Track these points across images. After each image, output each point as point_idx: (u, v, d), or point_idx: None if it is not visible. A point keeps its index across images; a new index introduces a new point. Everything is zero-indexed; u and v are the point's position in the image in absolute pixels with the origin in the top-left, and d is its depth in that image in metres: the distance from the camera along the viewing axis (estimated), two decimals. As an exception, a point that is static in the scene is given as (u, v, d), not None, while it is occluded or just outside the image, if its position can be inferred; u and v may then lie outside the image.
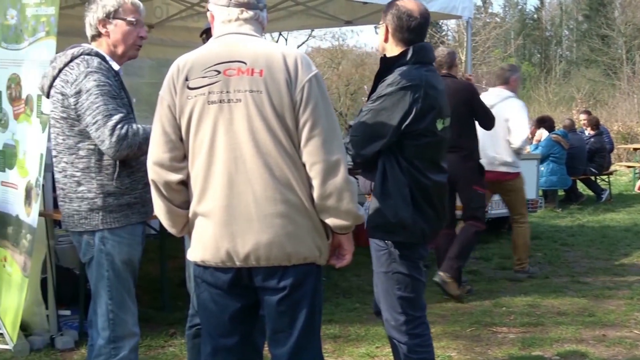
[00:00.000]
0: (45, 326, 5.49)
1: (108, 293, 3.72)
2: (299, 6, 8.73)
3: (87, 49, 3.71)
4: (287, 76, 2.96)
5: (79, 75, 3.60)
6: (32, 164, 5.02)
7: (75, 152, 3.66)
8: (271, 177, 2.96)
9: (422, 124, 3.67)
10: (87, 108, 3.56)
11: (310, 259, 3.06)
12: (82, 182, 3.67)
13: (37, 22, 4.87)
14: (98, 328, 3.77)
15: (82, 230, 3.71)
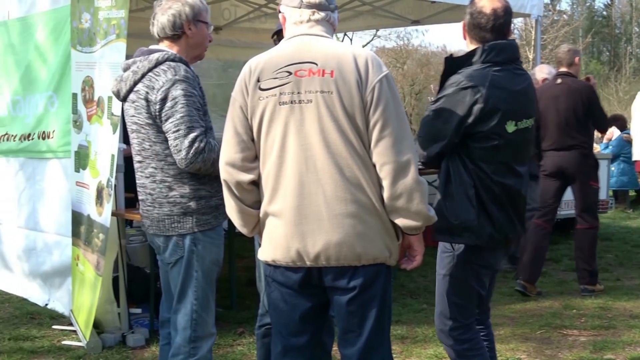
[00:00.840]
0: (117, 324, 5.58)
1: (194, 293, 3.75)
2: (365, 6, 8.72)
3: (170, 55, 3.67)
4: (358, 77, 2.95)
5: (165, 83, 3.56)
6: (103, 165, 5.11)
7: (163, 158, 3.65)
8: (341, 177, 2.97)
9: (486, 126, 3.56)
10: (170, 115, 3.55)
11: (380, 260, 3.06)
12: (174, 187, 3.67)
13: (108, 25, 4.96)
14: (178, 327, 3.79)
15: (175, 234, 3.73)
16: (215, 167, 3.48)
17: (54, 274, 6.29)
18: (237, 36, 9.43)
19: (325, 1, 3.13)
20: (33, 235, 6.49)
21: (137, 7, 7.42)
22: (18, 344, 5.49)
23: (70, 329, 5.74)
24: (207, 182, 3.70)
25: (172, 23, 3.70)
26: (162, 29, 3.73)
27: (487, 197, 3.60)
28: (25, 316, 6.19)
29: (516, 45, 3.73)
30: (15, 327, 5.92)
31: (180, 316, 3.79)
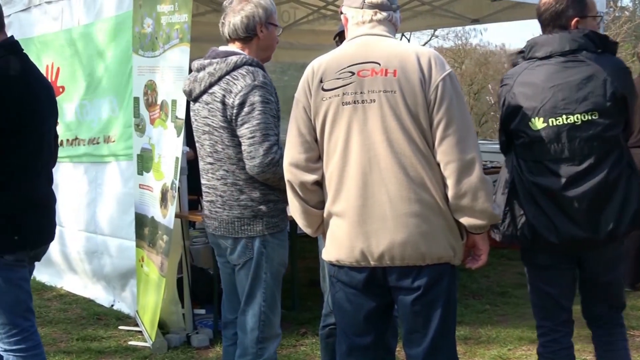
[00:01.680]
0: (182, 324, 5.65)
1: (263, 295, 3.77)
2: (424, 6, 8.68)
3: (248, 59, 3.66)
4: (421, 75, 2.95)
5: (244, 88, 3.54)
6: (167, 167, 5.17)
7: (236, 162, 3.66)
8: (405, 176, 2.96)
9: (513, 123, 3.51)
10: (246, 121, 3.54)
11: (444, 259, 3.04)
12: (245, 191, 3.69)
13: (171, 29, 5.02)
14: (246, 328, 3.81)
15: (244, 236, 3.75)
16: (281, 183, 3.48)
17: (117, 275, 6.39)
18: (296, 38, 9.46)
19: (387, 1, 3.12)
20: (93, 238, 6.61)
21: (197, 12, 7.50)
22: (86, 344, 5.60)
23: (135, 330, 5.83)
24: (277, 187, 3.71)
25: (245, 25, 3.68)
26: (234, 31, 3.70)
27: (524, 197, 3.50)
28: (92, 317, 6.30)
29: (570, 37, 3.46)
30: (82, 327, 6.03)
31: (248, 317, 3.81)
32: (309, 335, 5.63)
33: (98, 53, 6.32)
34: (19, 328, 3.68)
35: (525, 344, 5.38)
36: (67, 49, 6.73)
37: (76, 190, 6.77)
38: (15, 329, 3.67)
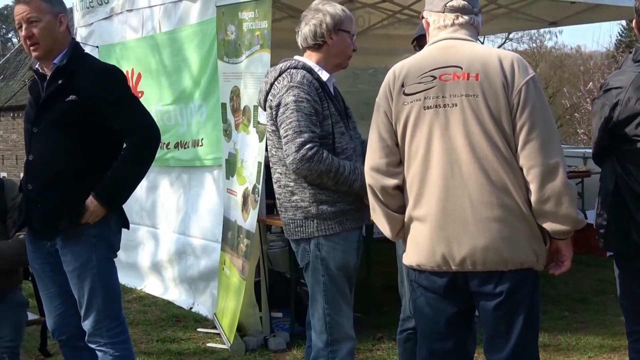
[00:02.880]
0: (259, 327, 5.71)
1: (324, 297, 3.79)
2: (501, 9, 8.59)
3: (294, 63, 3.77)
4: (504, 79, 2.93)
5: (281, 89, 3.67)
6: (249, 172, 5.25)
7: (285, 163, 3.75)
8: (487, 181, 2.94)
9: (628, 128, 3.42)
10: (282, 121, 3.64)
11: (527, 264, 3.01)
12: (296, 192, 3.75)
13: (252, 35, 5.10)
14: (316, 331, 3.86)
15: (299, 237, 3.81)
16: (323, 180, 3.59)
17: (200, 278, 6.51)
18: (370, 43, 9.45)
19: (469, 4, 3.12)
20: (183, 240, 6.76)
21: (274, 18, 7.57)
22: (165, 346, 5.70)
23: (214, 332, 5.92)
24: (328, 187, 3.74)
25: (313, 33, 3.78)
26: (305, 39, 3.82)
27: (633, 204, 3.43)
28: (171, 319, 6.42)
29: None
30: (162, 329, 6.14)
31: (315, 320, 3.85)
32: (385, 340, 5.63)
33: (182, 59, 6.46)
34: (120, 319, 3.86)
35: (606, 352, 5.29)
36: (149, 55, 6.89)
37: (169, 193, 6.93)
38: (117, 320, 3.84)
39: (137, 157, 3.74)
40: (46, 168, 3.64)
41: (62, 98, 3.61)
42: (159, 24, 6.80)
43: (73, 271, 3.69)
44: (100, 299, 3.75)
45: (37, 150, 3.67)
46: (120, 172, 3.70)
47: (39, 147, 3.66)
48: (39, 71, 3.75)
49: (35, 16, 3.61)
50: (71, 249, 3.69)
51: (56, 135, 3.62)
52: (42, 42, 3.64)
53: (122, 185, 3.73)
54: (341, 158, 3.69)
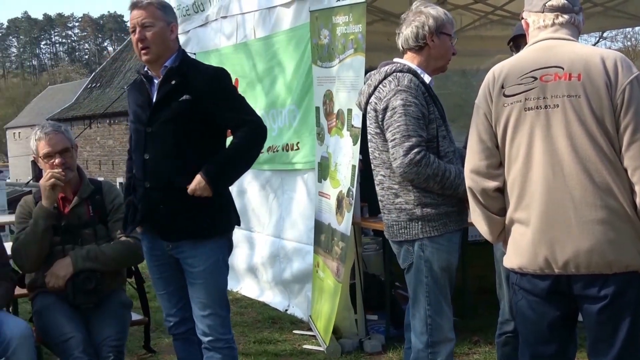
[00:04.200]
0: (354, 330, 5.73)
1: (426, 299, 3.80)
2: (597, 7, 8.42)
3: (399, 66, 3.79)
4: (607, 79, 2.88)
5: (388, 93, 3.70)
6: (343, 175, 5.28)
7: (389, 166, 3.76)
8: (590, 182, 2.90)
9: None
10: (389, 125, 3.67)
11: (632, 267, 2.94)
12: (400, 194, 3.77)
13: (346, 40, 5.13)
14: (416, 332, 3.86)
15: (402, 239, 3.82)
16: (429, 184, 3.61)
17: (294, 280, 6.59)
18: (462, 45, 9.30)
19: (568, 3, 3.08)
20: (277, 243, 6.84)
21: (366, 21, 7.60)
22: (262, 347, 5.78)
23: (309, 334, 5.97)
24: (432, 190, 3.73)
25: (415, 34, 3.81)
26: (406, 41, 3.85)
27: None
28: (267, 320, 6.50)
29: None
30: (259, 330, 6.23)
31: (416, 321, 3.86)
32: (482, 344, 5.58)
33: (276, 64, 6.56)
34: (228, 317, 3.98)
35: None
36: (244, 60, 7.01)
37: (263, 197, 7.04)
38: (228, 320, 3.97)
39: (247, 145, 3.84)
40: (163, 166, 3.76)
41: (176, 97, 3.74)
42: (254, 30, 6.91)
43: (202, 272, 3.82)
44: (220, 299, 3.90)
45: (153, 149, 3.79)
46: (229, 157, 3.81)
47: (154, 146, 3.79)
48: (147, 74, 3.89)
49: (150, 21, 3.76)
50: (199, 250, 3.82)
51: (171, 134, 3.75)
52: (152, 47, 3.78)
53: (228, 169, 3.82)
54: (444, 162, 3.70)
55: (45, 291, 4.22)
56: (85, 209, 4.32)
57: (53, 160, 4.17)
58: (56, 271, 4.16)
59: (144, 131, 3.82)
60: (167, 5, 3.93)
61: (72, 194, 4.33)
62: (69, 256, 4.18)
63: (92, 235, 4.29)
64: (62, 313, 4.12)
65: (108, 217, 4.38)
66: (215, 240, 3.87)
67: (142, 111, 3.86)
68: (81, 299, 4.16)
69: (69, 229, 4.26)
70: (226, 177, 3.85)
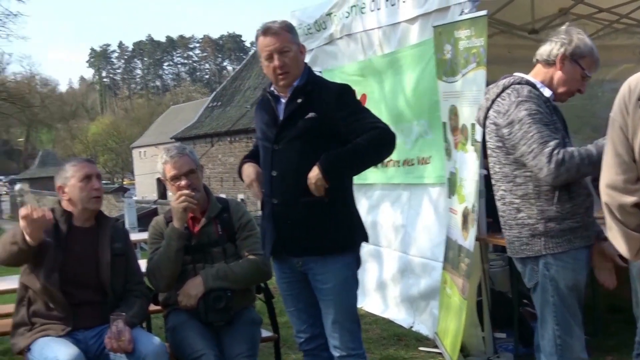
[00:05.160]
0: (482, 348, 5.65)
1: (554, 319, 3.72)
2: None
3: (517, 78, 3.77)
4: None
5: (510, 106, 3.66)
6: (468, 191, 5.23)
7: (512, 179, 3.72)
8: None
9: None
10: (521, 137, 3.61)
11: None
12: (522, 209, 3.72)
13: (468, 54, 5.09)
14: (545, 353, 3.79)
15: (524, 256, 3.76)
16: (582, 172, 3.53)
17: (420, 297, 6.55)
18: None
19: None
20: (404, 259, 6.83)
21: (486, 34, 7.53)
22: (388, 364, 5.77)
23: (435, 351, 5.91)
24: (558, 204, 3.66)
25: (549, 50, 3.81)
26: (540, 53, 3.85)
27: None
28: (392, 337, 6.48)
29: None
30: (384, 347, 6.21)
31: (545, 342, 3.78)
32: (615, 364, 5.40)
33: (402, 79, 6.58)
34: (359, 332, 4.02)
35: None
36: (370, 77, 7.06)
37: (389, 212, 7.06)
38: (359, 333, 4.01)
39: (369, 143, 3.81)
40: (290, 182, 3.83)
41: (302, 116, 3.81)
42: (379, 47, 6.95)
43: (332, 288, 3.88)
44: (351, 314, 3.94)
45: (280, 166, 3.87)
46: (347, 151, 3.80)
47: (282, 163, 3.86)
48: (273, 93, 3.97)
49: (287, 47, 3.86)
50: (330, 266, 3.87)
51: (298, 151, 3.81)
52: (291, 71, 3.89)
53: (346, 160, 3.82)
54: None
55: (178, 309, 4.34)
56: (214, 228, 4.42)
57: (180, 182, 4.29)
58: (188, 290, 4.27)
59: (271, 149, 3.90)
60: (293, 26, 4.01)
61: (200, 214, 4.43)
62: (199, 275, 4.29)
63: (221, 254, 4.38)
64: (194, 330, 4.22)
65: (236, 235, 4.46)
66: (345, 256, 3.90)
67: (269, 129, 3.95)
68: (213, 317, 4.25)
69: (199, 248, 4.36)
70: (342, 168, 3.84)
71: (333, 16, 7.53)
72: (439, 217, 6.17)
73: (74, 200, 4.16)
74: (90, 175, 4.18)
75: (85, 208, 4.17)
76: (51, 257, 4.00)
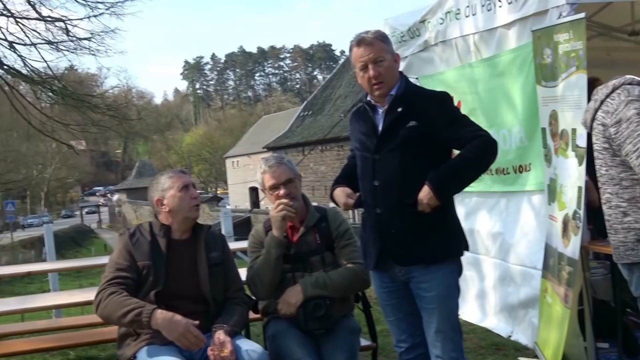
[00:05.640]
0: (584, 358, 5.50)
1: None
2: None
3: (628, 79, 3.72)
4: None
5: (618, 105, 3.60)
6: (568, 197, 5.12)
7: (618, 182, 3.65)
8: None
9: None
10: (627, 136, 3.54)
11: None
12: (629, 213, 3.63)
13: (568, 58, 4.99)
14: None
15: (630, 262, 3.67)
16: None
17: (519, 305, 6.44)
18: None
19: None
20: (503, 267, 6.74)
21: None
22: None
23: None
24: None
25: None
26: None
27: None
28: (491, 347, 6.39)
29: None
30: (482, 357, 6.14)
31: None
32: None
33: (500, 85, 6.50)
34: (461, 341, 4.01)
35: None
36: (467, 83, 7.00)
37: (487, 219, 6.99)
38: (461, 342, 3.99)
39: (475, 155, 3.78)
40: (393, 191, 3.83)
41: (402, 125, 3.81)
42: (475, 52, 6.88)
43: (435, 296, 3.87)
44: (453, 323, 3.93)
45: (382, 176, 3.88)
46: (455, 166, 3.80)
47: (384, 172, 3.87)
48: (370, 102, 3.98)
49: (381, 56, 3.86)
50: (432, 274, 3.86)
51: (400, 160, 3.82)
52: (386, 81, 3.89)
53: (456, 176, 3.80)
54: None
55: (278, 317, 4.38)
56: (313, 236, 4.45)
57: (278, 191, 4.33)
58: (287, 299, 4.31)
59: (372, 158, 3.90)
60: (386, 36, 4.01)
61: (299, 223, 4.47)
62: (298, 284, 4.32)
63: (320, 262, 4.40)
64: (294, 338, 4.25)
65: (334, 244, 4.48)
66: (448, 264, 3.88)
67: (368, 139, 3.95)
68: (312, 325, 4.27)
69: (298, 256, 4.40)
70: (452, 186, 3.83)
71: (427, 23, 7.48)
72: (539, 224, 6.05)
73: (175, 211, 4.21)
74: (188, 185, 4.24)
75: (186, 217, 4.23)
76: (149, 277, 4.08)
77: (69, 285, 16.93)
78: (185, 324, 3.80)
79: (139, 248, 4.12)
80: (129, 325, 3.92)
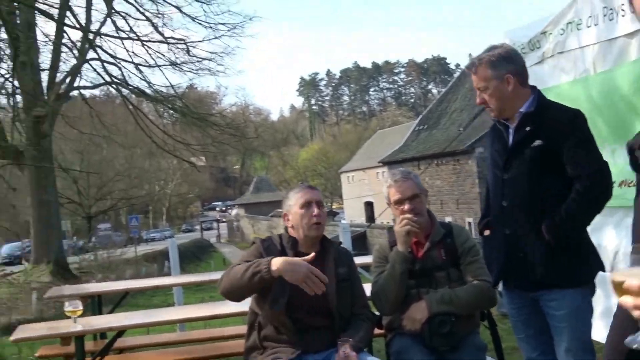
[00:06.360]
0: None
1: None
2: None
3: None
4: None
5: None
6: None
7: None
8: None
9: None
10: None
11: None
12: None
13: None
14: None
15: None
16: None
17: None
18: None
19: None
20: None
21: None
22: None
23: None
24: None
25: None
26: None
27: None
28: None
29: None
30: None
31: None
32: None
33: (619, 98, 6.29)
34: None
35: None
36: (583, 96, 6.80)
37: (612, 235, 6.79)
38: None
39: (584, 198, 3.77)
40: (521, 212, 3.78)
41: (528, 144, 3.76)
42: (593, 64, 6.70)
43: (566, 315, 3.80)
44: (584, 344, 3.86)
45: (509, 196, 3.84)
46: (571, 211, 3.76)
47: (512, 193, 3.83)
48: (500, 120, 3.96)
49: (483, 85, 3.92)
50: (563, 293, 3.78)
51: (527, 181, 3.78)
52: (492, 106, 3.93)
53: (572, 224, 3.77)
54: None
55: (402, 333, 4.35)
56: (438, 252, 4.40)
57: (403, 206, 4.32)
58: (413, 314, 4.28)
59: (501, 178, 3.86)
60: (498, 58, 3.96)
61: (424, 238, 4.43)
62: (424, 300, 4.28)
63: (446, 279, 4.35)
64: (419, 355, 4.21)
65: (460, 260, 4.42)
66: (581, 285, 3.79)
67: (499, 157, 3.93)
68: (437, 342, 4.23)
69: (423, 272, 4.36)
70: (569, 232, 3.80)
71: (548, 34, 7.33)
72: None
73: (296, 227, 4.22)
74: (311, 202, 4.21)
75: (306, 235, 4.23)
76: (278, 286, 4.10)
77: (191, 298, 17.28)
78: (307, 264, 3.77)
79: (269, 254, 4.13)
80: (250, 281, 3.84)
